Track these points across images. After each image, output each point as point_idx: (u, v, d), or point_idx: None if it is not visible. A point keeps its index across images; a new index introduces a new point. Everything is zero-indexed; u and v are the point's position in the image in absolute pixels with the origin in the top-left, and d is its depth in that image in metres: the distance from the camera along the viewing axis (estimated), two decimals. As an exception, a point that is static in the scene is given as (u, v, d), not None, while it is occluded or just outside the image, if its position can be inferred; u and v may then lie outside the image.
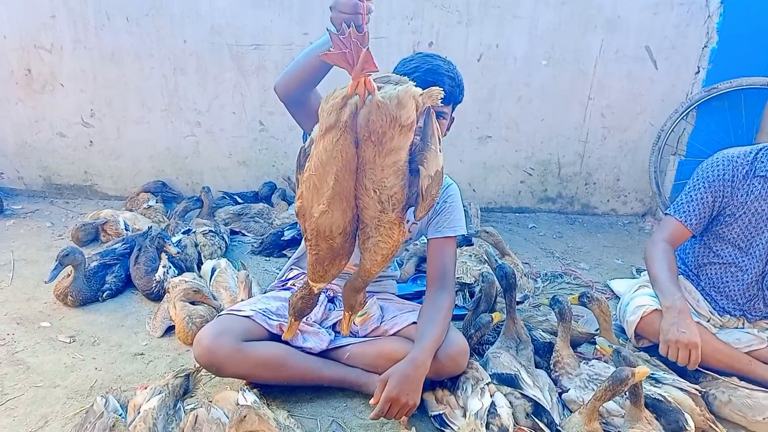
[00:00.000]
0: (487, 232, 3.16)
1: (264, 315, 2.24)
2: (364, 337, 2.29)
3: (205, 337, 2.05)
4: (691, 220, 2.38)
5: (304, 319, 2.27)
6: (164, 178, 4.04)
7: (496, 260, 2.52)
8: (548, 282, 3.26)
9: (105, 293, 2.86)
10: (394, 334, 2.24)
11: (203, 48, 3.76)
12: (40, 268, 3.00)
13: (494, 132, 4.07)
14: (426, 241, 2.32)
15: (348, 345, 2.26)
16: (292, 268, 2.55)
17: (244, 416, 1.65)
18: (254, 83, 3.84)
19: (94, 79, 3.80)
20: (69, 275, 2.79)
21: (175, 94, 3.86)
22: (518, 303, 2.88)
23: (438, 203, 2.25)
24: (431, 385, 2.21)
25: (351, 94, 1.31)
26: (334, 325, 2.33)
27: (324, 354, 2.24)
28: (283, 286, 2.49)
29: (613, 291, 3.16)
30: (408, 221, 2.17)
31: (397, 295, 2.58)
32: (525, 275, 3.11)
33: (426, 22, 3.77)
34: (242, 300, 2.59)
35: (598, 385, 2.14)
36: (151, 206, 3.73)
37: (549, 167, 4.17)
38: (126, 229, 3.43)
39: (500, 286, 2.45)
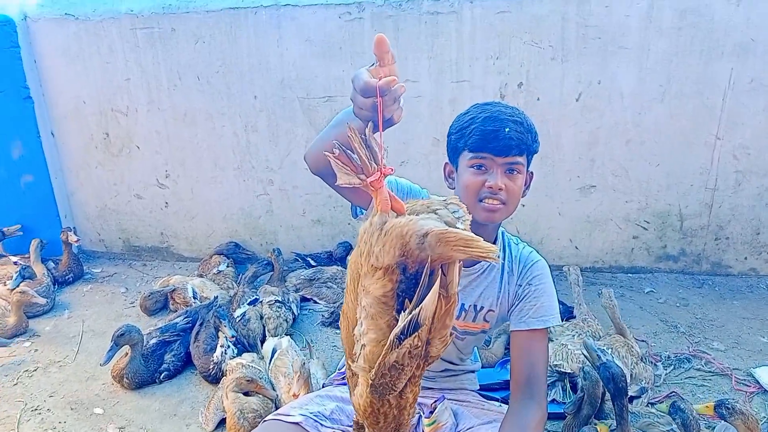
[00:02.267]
0: (609, 299, 2.73)
1: (316, 420, 1.94)
2: (435, 449, 1.93)
3: None
4: None
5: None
6: (238, 239, 3.94)
7: (599, 355, 2.07)
8: (672, 368, 2.72)
9: (162, 374, 2.73)
10: None
11: (274, 103, 3.65)
12: (106, 341, 2.93)
13: (599, 180, 3.59)
14: None
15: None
16: None
17: None
18: (328, 137, 3.66)
19: (168, 140, 3.81)
20: (126, 354, 2.69)
21: (247, 152, 3.78)
22: (633, 398, 2.39)
23: (521, 286, 1.85)
24: None
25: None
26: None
27: None
28: (342, 379, 2.20)
29: (759, 383, 2.57)
30: (482, 308, 1.83)
31: (480, 387, 2.19)
32: (642, 359, 2.61)
33: (514, 61, 3.42)
34: (296, 395, 2.33)
35: None
36: (221, 271, 3.63)
37: (668, 220, 3.61)
38: (194, 297, 3.33)
39: (606, 389, 2.00)
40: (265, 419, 2.04)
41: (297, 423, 1.91)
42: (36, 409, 2.55)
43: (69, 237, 3.65)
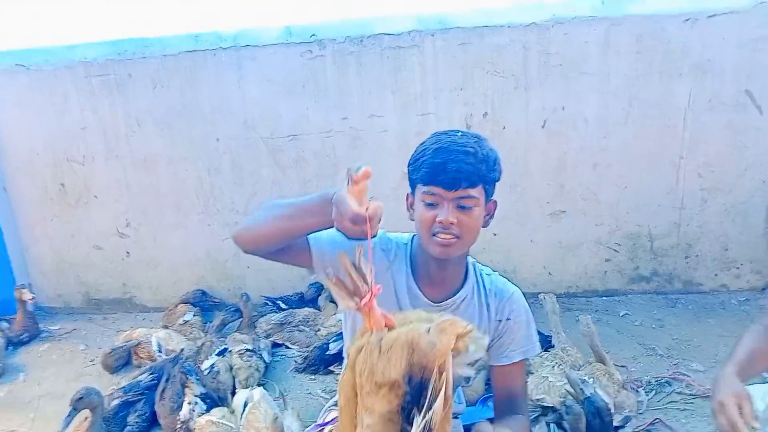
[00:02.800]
0: (587, 327, 2.68)
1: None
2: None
3: None
4: None
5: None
6: (204, 286, 3.81)
7: (582, 389, 2.02)
8: (654, 393, 2.68)
9: (127, 437, 2.57)
10: None
11: (237, 144, 3.58)
12: (65, 404, 2.74)
13: (569, 205, 3.59)
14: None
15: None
16: (330, 410, 2.15)
17: None
18: (293, 176, 3.61)
19: (128, 188, 3.70)
20: (86, 419, 2.52)
21: (211, 195, 3.68)
22: (618, 428, 2.33)
23: (500, 321, 1.79)
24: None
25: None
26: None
27: None
28: (320, 431, 2.09)
29: (743, 404, 2.53)
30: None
31: (463, 427, 2.11)
32: (623, 387, 2.56)
33: (478, 91, 3.43)
34: None
35: None
36: (187, 321, 3.49)
37: (639, 241, 3.62)
38: (159, 351, 3.17)
39: (592, 425, 1.93)
40: None
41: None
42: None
43: (23, 294, 3.46)
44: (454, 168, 1.50)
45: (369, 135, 3.52)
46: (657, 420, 2.22)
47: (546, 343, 2.97)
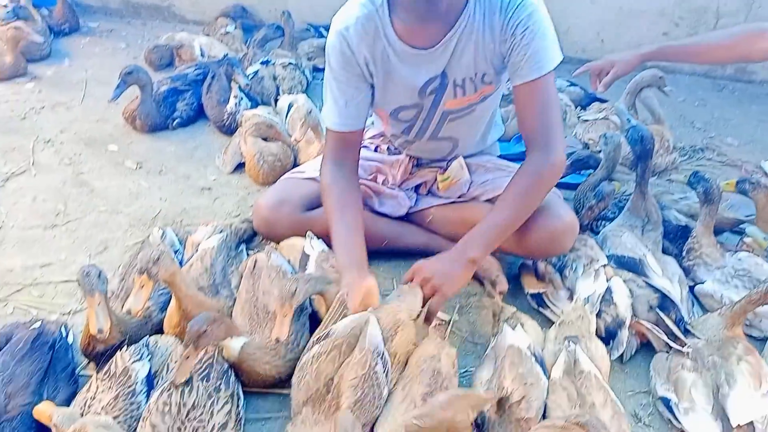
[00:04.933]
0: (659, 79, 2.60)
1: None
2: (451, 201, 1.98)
3: (263, 206, 1.86)
4: None
5: (380, 182, 1.99)
6: (245, 3, 3.69)
7: (628, 119, 2.07)
8: (686, 157, 2.77)
9: (175, 121, 2.70)
10: (487, 201, 1.92)
11: None
12: (112, 88, 2.84)
13: (641, -34, 3.34)
14: None
15: (431, 207, 1.98)
16: (370, 128, 2.22)
17: (293, 291, 1.42)
18: None
19: None
20: (137, 97, 2.62)
21: None
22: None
23: (505, 40, 1.59)
24: (533, 261, 1.92)
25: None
26: (417, 187, 2.03)
27: (405, 218, 1.98)
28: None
29: (767, 173, 2.64)
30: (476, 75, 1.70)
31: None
32: (667, 150, 2.61)
33: None
34: (298, 140, 2.35)
35: (745, 282, 1.77)
36: (228, 32, 3.45)
37: (704, 17, 3.45)
38: (201, 55, 3.20)
39: (633, 151, 2.02)
40: (282, 177, 2.07)
41: (312, 178, 1.93)
42: (48, 141, 2.54)
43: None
44: None
45: None
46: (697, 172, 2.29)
47: (592, 99, 2.98)
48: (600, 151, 2.23)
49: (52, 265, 1.89)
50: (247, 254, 1.86)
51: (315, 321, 1.60)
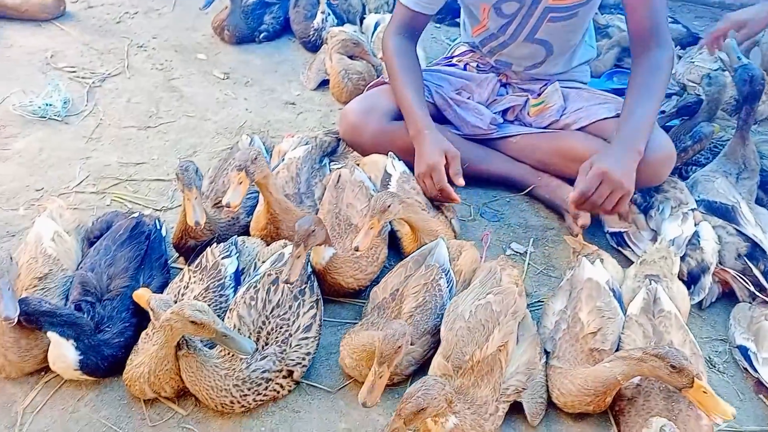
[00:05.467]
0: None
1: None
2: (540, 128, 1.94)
3: (351, 112, 1.87)
4: None
5: (465, 98, 1.95)
6: None
7: (738, 56, 1.93)
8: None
9: (262, 34, 2.71)
10: (578, 130, 1.87)
11: None
12: (203, -1, 2.87)
13: None
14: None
15: (518, 135, 1.94)
16: (460, 45, 2.17)
17: (388, 206, 1.43)
18: None
19: None
20: (226, 8, 2.64)
21: None
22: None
23: None
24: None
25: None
26: (504, 112, 1.99)
27: (489, 143, 1.95)
28: (448, 62, 2.14)
29: None
30: None
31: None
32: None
33: None
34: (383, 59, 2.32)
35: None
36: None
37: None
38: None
39: (740, 91, 1.89)
40: (370, 85, 2.07)
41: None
42: (141, 46, 2.61)
43: None
44: None
45: None
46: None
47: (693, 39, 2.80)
48: (700, 94, 2.12)
49: (145, 164, 1.98)
50: (329, 168, 1.89)
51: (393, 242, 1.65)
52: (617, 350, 1.36)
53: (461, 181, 1.69)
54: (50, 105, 2.14)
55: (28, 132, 2.06)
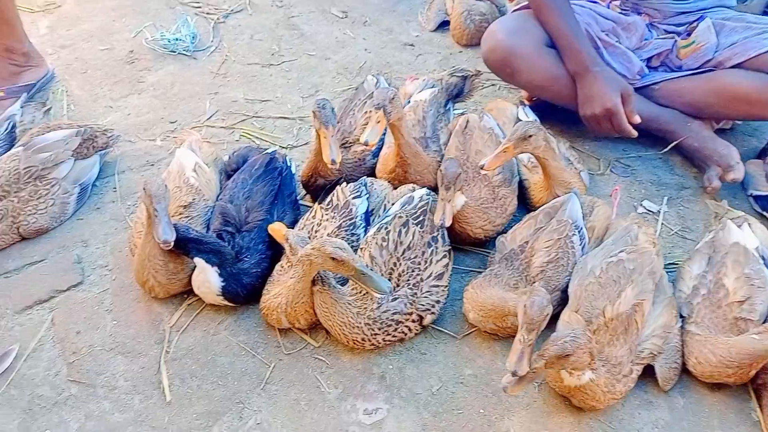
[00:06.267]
0: None
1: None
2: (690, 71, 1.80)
3: (499, 31, 1.75)
4: None
5: (613, 41, 1.83)
6: None
7: None
8: None
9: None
10: (735, 66, 1.71)
11: None
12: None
13: None
14: None
15: (662, 80, 1.81)
16: None
17: (530, 136, 1.40)
18: None
19: None
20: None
21: None
22: None
23: None
24: (761, 154, 1.75)
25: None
26: (650, 58, 1.86)
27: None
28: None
29: None
30: None
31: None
32: None
33: None
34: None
35: None
36: None
37: None
38: None
39: None
40: (514, 10, 1.96)
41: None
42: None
43: None
44: None
45: None
46: None
47: None
48: None
49: (270, 101, 2.03)
50: (453, 113, 1.85)
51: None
52: (765, 322, 1.28)
53: (638, 119, 1.63)
54: (180, 40, 2.21)
55: (160, 65, 2.14)
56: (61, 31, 2.27)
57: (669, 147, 1.79)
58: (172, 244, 1.24)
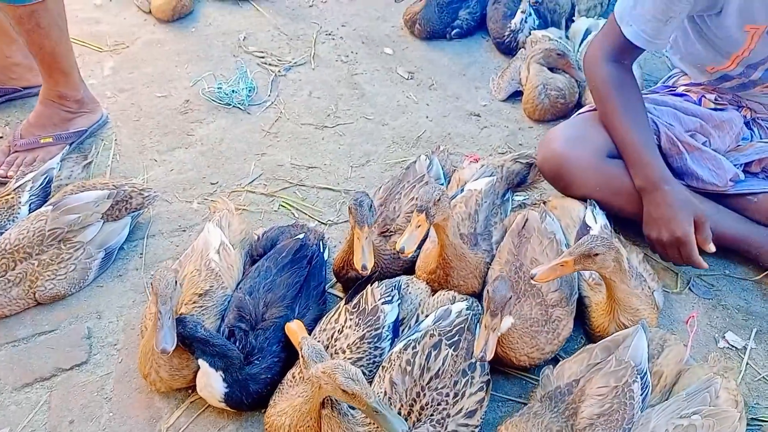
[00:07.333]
0: None
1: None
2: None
3: (558, 138, 1.59)
4: None
5: (699, 142, 1.61)
6: None
7: None
8: None
9: (454, 30, 2.53)
10: None
11: None
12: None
13: None
14: None
15: (762, 192, 1.58)
16: (674, 76, 1.82)
17: (596, 255, 1.21)
18: None
19: None
20: (421, 0, 2.49)
21: None
22: None
23: None
24: None
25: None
26: (748, 164, 1.62)
27: (721, 200, 1.60)
28: (670, 90, 1.79)
29: None
30: None
31: None
32: None
33: None
34: None
35: None
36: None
37: None
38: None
39: None
40: (579, 112, 1.79)
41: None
42: (330, 34, 2.56)
43: None
44: None
45: None
46: None
47: None
48: None
49: (317, 168, 1.92)
50: (512, 204, 1.68)
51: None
52: None
53: (712, 248, 1.43)
54: (236, 92, 2.15)
55: (212, 118, 2.09)
56: (123, 73, 2.26)
57: (764, 274, 1.54)
58: (172, 351, 1.13)
